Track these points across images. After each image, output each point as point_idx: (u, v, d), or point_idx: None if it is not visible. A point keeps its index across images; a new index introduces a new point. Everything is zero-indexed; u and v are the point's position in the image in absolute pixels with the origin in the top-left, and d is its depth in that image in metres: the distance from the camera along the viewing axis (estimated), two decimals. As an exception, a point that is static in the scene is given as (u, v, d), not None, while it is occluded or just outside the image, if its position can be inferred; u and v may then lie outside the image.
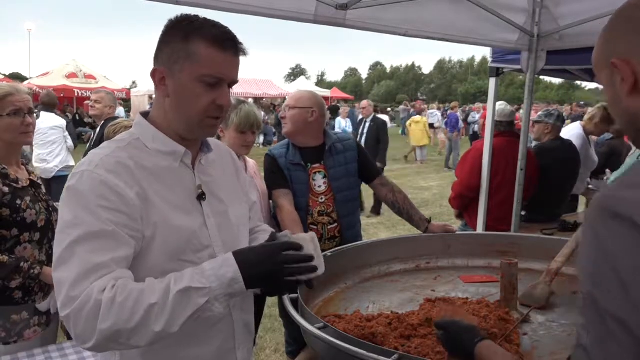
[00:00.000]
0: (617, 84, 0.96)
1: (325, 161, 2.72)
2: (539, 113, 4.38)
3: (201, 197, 1.35)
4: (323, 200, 2.68)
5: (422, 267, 2.43)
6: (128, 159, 1.26)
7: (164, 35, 1.30)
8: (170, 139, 1.33)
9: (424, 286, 2.22)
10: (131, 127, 1.41)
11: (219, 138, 2.67)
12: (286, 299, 1.75)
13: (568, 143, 4.26)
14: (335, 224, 2.69)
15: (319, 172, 2.71)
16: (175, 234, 1.27)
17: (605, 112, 4.50)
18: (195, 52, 1.25)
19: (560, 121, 4.27)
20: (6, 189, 2.05)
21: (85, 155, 4.13)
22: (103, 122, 4.58)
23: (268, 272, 1.21)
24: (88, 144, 5.01)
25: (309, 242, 1.30)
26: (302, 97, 2.77)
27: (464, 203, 4.03)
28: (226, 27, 1.30)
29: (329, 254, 2.18)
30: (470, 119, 17.53)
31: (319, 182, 2.70)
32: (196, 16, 1.30)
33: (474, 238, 2.58)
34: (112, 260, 1.15)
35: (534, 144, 4.73)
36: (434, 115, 18.93)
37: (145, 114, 1.38)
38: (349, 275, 2.26)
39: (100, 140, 4.36)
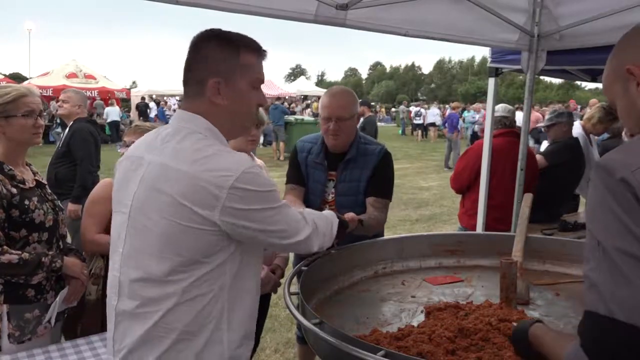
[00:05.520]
0: (632, 89, 1.08)
1: (338, 172, 2.56)
2: (549, 116, 4.41)
3: None
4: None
5: (380, 273, 2.37)
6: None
7: (206, 48, 1.45)
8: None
9: (399, 293, 2.16)
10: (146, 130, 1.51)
11: None
12: (287, 295, 1.78)
13: (577, 142, 4.30)
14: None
15: (332, 180, 2.59)
16: None
17: (603, 113, 4.53)
18: (248, 62, 1.48)
19: (571, 117, 4.35)
20: (14, 190, 2.07)
21: (55, 156, 3.96)
22: (72, 122, 4.40)
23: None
24: (57, 144, 4.58)
25: None
26: (349, 104, 2.50)
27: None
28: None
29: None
30: (470, 119, 17.50)
31: (330, 191, 2.59)
32: (226, 31, 1.51)
33: (424, 239, 2.59)
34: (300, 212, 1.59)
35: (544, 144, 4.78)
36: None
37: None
38: (316, 290, 2.10)
39: (68, 140, 4.30)
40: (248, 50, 1.48)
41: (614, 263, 0.93)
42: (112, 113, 18.43)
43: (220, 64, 1.45)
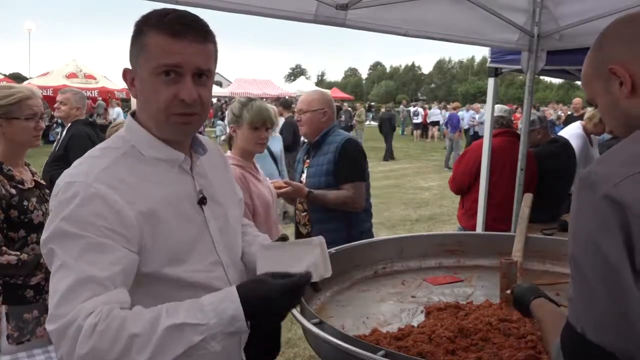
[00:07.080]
0: (615, 88, 1.05)
1: (310, 158, 2.99)
2: (520, 125, 4.41)
3: (202, 201, 1.30)
4: None
5: (380, 273, 2.37)
6: (128, 173, 1.19)
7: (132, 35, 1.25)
8: (165, 145, 1.26)
9: (398, 293, 2.16)
10: None
11: (231, 138, 2.66)
12: None
13: (564, 142, 4.28)
14: (305, 213, 2.96)
15: (307, 166, 3.02)
16: (178, 243, 1.22)
17: None
18: (146, 43, 1.18)
19: (544, 121, 4.33)
20: (13, 191, 2.07)
21: (51, 158, 3.91)
22: (70, 124, 4.26)
23: (274, 307, 1.12)
24: (54, 146, 4.47)
25: (316, 245, 1.32)
26: (313, 100, 2.96)
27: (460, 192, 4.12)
28: (184, 13, 1.21)
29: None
30: (470, 120, 17.41)
31: (304, 175, 3.02)
32: (161, 9, 1.22)
33: (424, 239, 2.60)
34: (107, 277, 1.07)
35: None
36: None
37: (134, 114, 1.30)
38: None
39: (66, 143, 4.20)
40: (152, 29, 1.18)
41: (585, 279, 0.93)
42: (121, 114, 18.35)
43: (131, 51, 1.23)
